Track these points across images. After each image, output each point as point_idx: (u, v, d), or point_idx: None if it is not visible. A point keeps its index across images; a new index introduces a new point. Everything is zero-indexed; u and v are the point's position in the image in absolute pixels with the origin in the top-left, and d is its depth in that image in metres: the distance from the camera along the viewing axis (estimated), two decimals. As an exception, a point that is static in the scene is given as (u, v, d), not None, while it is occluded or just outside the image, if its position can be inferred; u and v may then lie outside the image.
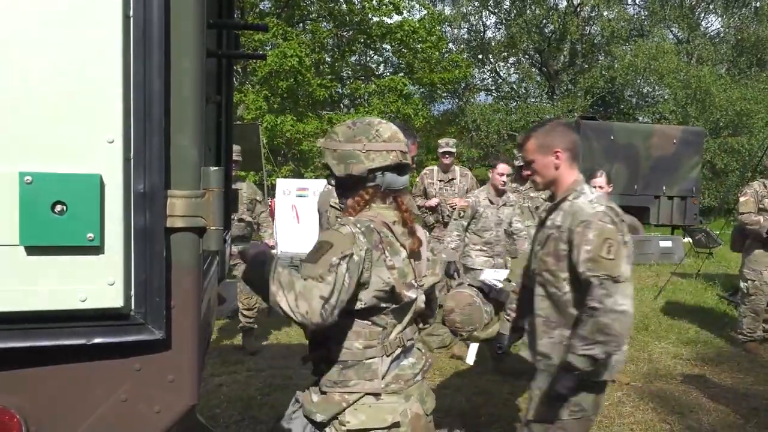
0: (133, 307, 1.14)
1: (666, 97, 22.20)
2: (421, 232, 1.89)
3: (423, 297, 1.87)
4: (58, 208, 1.05)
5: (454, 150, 6.28)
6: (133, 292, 1.13)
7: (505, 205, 5.17)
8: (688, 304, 7.67)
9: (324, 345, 1.76)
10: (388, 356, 1.77)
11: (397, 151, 1.77)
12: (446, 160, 6.16)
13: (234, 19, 3.25)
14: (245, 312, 5.41)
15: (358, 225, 1.69)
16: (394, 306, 1.75)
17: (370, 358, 1.75)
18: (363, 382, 1.74)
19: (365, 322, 1.74)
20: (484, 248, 5.15)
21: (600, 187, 4.78)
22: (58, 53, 1.06)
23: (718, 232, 11.24)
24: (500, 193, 5.11)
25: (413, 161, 2.69)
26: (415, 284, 1.82)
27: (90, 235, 1.07)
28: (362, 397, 1.74)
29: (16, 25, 1.04)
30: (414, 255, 1.80)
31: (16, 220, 1.04)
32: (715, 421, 4.13)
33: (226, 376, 4.76)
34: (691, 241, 11.52)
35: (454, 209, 6.04)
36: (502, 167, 5.10)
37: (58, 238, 1.06)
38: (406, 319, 1.82)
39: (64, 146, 1.06)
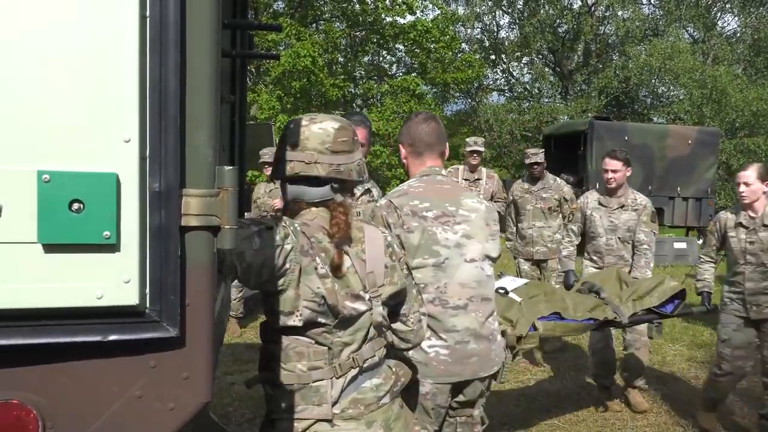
0: (148, 304, 1.15)
1: (681, 97, 21.99)
2: (375, 243, 1.69)
3: (381, 310, 1.67)
4: (76, 206, 1.06)
5: (482, 149, 6.15)
6: (148, 290, 1.14)
7: (622, 207, 4.31)
8: (702, 306, 7.59)
9: (268, 367, 1.62)
10: (338, 378, 1.59)
11: (296, 161, 1.60)
12: (474, 160, 6.03)
13: (248, 19, 3.26)
14: None
15: (288, 222, 1.57)
16: (334, 321, 1.58)
17: (317, 381, 1.58)
18: (311, 408, 1.57)
19: (307, 340, 1.59)
20: (594, 257, 4.44)
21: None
22: (76, 54, 1.07)
23: (733, 234, 11.10)
24: (611, 192, 4.33)
25: (364, 153, 2.49)
26: (365, 295, 1.63)
27: (106, 233, 1.08)
28: (314, 424, 1.57)
29: (34, 25, 1.05)
30: (334, 270, 1.59)
31: (35, 218, 1.05)
32: (729, 424, 4.09)
33: (238, 374, 4.78)
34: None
35: None
36: (611, 162, 4.26)
37: (75, 236, 1.07)
38: (360, 336, 1.64)
39: (82, 145, 1.07)
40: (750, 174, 3.67)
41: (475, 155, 5.98)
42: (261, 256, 1.47)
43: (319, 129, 1.63)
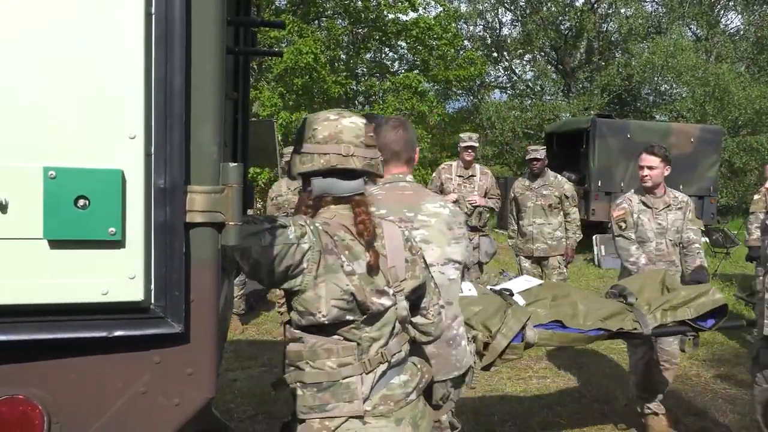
0: (153, 300, 1.15)
1: (684, 95, 21.93)
2: (394, 238, 1.69)
3: (405, 304, 1.69)
4: (81, 202, 1.07)
5: (477, 144, 6.07)
6: (153, 286, 1.15)
7: (668, 207, 3.93)
8: (704, 304, 7.58)
9: (295, 366, 1.61)
10: (368, 373, 1.59)
11: (332, 154, 1.59)
12: (468, 156, 5.94)
13: (251, 16, 3.26)
14: None
15: (308, 222, 1.56)
16: (362, 317, 1.58)
17: (347, 377, 1.57)
18: (342, 405, 1.56)
19: (335, 337, 1.58)
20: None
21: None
22: (81, 51, 1.07)
23: (735, 232, 11.11)
24: (648, 191, 3.95)
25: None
26: (389, 290, 1.64)
27: (112, 229, 1.09)
28: (345, 422, 1.56)
29: (39, 23, 1.06)
30: (371, 269, 1.59)
31: (40, 214, 1.06)
32: (732, 422, 4.09)
33: (240, 371, 4.80)
34: (708, 240, 11.40)
35: (474, 208, 5.92)
36: (648, 158, 3.87)
37: (80, 232, 1.08)
38: (387, 330, 1.64)
39: (87, 142, 1.08)
40: None
41: (469, 151, 5.90)
42: (270, 254, 1.46)
43: (351, 123, 1.64)
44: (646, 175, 3.84)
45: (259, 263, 1.47)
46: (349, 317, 1.57)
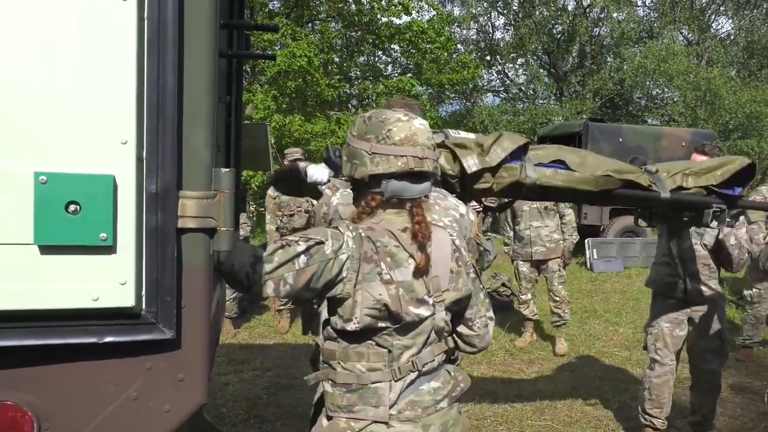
0: (144, 306, 1.15)
1: (675, 99, 22.06)
2: (442, 246, 1.66)
3: (443, 315, 1.65)
4: (72, 207, 1.06)
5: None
6: (144, 292, 1.14)
7: None
8: (696, 307, 7.62)
9: (329, 364, 1.63)
10: (397, 381, 1.58)
11: (409, 156, 1.56)
12: None
13: (244, 19, 3.26)
14: None
15: (351, 228, 1.56)
16: (395, 325, 1.57)
17: (376, 383, 1.57)
18: (368, 408, 1.57)
19: (368, 342, 1.58)
20: None
21: None
22: (74, 55, 1.07)
23: (726, 236, 11.15)
24: None
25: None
26: (429, 300, 1.61)
27: (103, 235, 1.08)
28: (369, 425, 1.57)
29: (32, 26, 1.05)
30: (420, 273, 1.58)
31: (31, 220, 1.05)
32: (723, 425, 4.11)
33: (232, 375, 4.78)
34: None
35: (478, 212, 5.92)
36: (699, 158, 3.59)
37: (71, 238, 1.07)
38: (420, 340, 1.62)
39: (79, 147, 1.07)
40: None
41: None
42: (307, 274, 1.47)
43: (422, 125, 1.62)
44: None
45: (297, 287, 1.48)
46: (381, 324, 1.56)
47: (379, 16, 16.57)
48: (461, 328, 1.79)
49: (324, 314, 1.70)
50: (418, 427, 1.60)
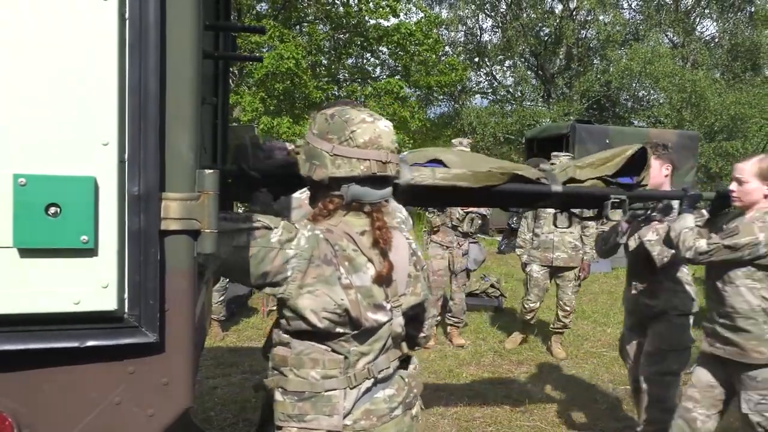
0: (126, 309, 1.13)
1: (661, 101, 22.27)
2: (400, 250, 1.61)
3: (401, 320, 1.61)
4: (52, 210, 1.05)
5: (468, 150, 6.05)
6: (126, 295, 1.13)
7: None
8: (682, 307, 7.68)
9: (279, 371, 1.55)
10: (352, 389, 1.53)
11: (372, 161, 1.48)
12: None
13: (231, 20, 3.25)
14: None
15: (308, 227, 1.48)
16: (353, 331, 1.51)
17: (330, 390, 1.51)
18: (321, 418, 1.50)
19: (323, 347, 1.52)
20: None
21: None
22: (54, 56, 1.05)
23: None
24: None
25: None
26: (387, 305, 1.56)
27: (84, 237, 1.06)
28: None
29: (10, 26, 1.04)
30: (381, 280, 1.53)
31: (10, 222, 1.04)
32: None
33: (220, 378, 4.75)
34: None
35: (467, 214, 5.89)
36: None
37: (51, 241, 1.05)
38: (377, 346, 1.57)
39: (59, 148, 1.06)
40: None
41: None
42: (243, 255, 1.39)
43: (386, 127, 1.54)
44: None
45: (230, 264, 1.39)
46: (340, 330, 1.50)
47: (366, 18, 16.60)
48: (411, 331, 1.75)
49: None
50: None
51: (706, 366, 2.99)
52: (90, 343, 1.12)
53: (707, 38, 25.03)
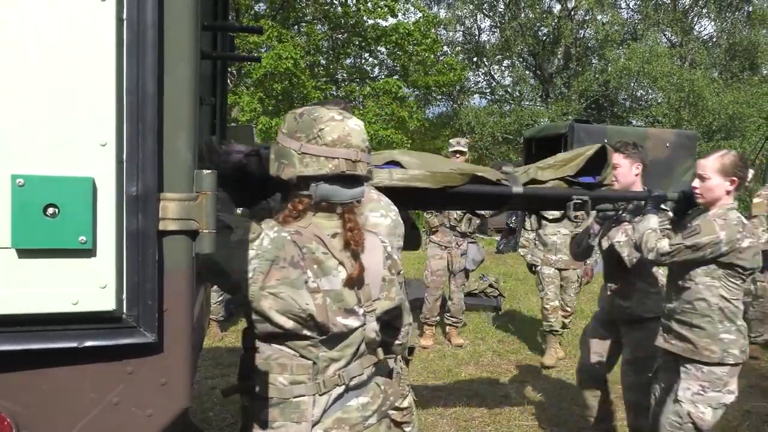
0: (125, 310, 1.13)
1: (659, 101, 22.29)
2: (374, 253, 1.59)
3: (375, 325, 1.57)
4: (51, 210, 1.05)
5: (465, 149, 5.95)
6: (125, 295, 1.13)
7: None
8: (680, 306, 7.69)
9: (248, 377, 1.53)
10: (321, 395, 1.49)
11: (341, 159, 1.45)
12: (458, 161, 5.94)
13: (229, 21, 3.25)
14: None
15: (275, 229, 1.45)
16: (321, 336, 1.48)
17: (298, 397, 1.47)
18: (289, 425, 1.47)
19: (291, 352, 1.49)
20: None
21: None
22: (51, 56, 1.05)
23: (710, 235, 11.28)
24: None
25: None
26: (359, 310, 1.53)
27: (82, 238, 1.06)
28: None
29: (9, 27, 1.04)
30: (352, 283, 1.50)
31: (8, 223, 1.04)
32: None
33: (219, 378, 4.75)
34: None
35: (464, 214, 5.86)
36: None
37: (50, 241, 1.05)
38: (349, 352, 1.54)
39: (57, 149, 1.06)
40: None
41: (458, 155, 5.83)
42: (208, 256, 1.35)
43: (356, 126, 1.52)
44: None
45: (198, 266, 1.36)
46: (307, 333, 1.47)
47: (365, 18, 16.61)
48: (386, 338, 1.72)
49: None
50: None
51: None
52: (88, 343, 1.12)
53: (705, 38, 25.07)
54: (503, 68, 26.47)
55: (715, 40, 24.32)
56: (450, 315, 6.04)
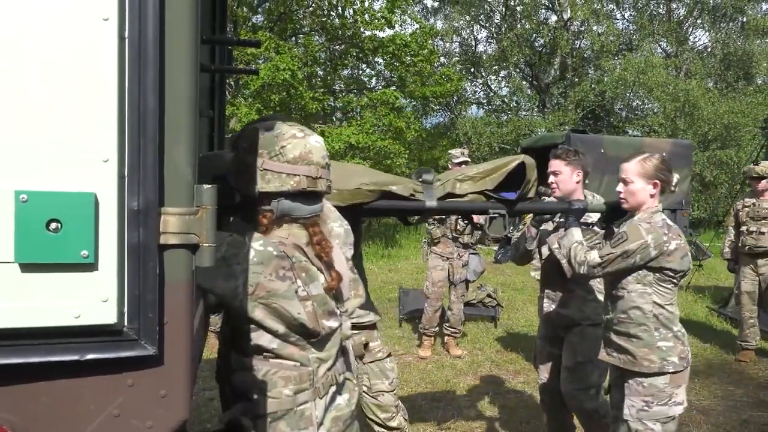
0: (126, 323, 1.15)
1: (655, 111, 22.40)
2: (339, 257, 1.65)
3: (349, 323, 1.68)
4: (53, 225, 1.06)
5: (469, 160, 5.97)
6: (126, 309, 1.14)
7: None
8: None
9: (245, 396, 1.53)
10: (321, 398, 1.55)
11: (302, 176, 1.50)
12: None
13: (227, 33, 3.28)
14: None
15: (261, 242, 1.48)
16: (311, 340, 1.54)
17: (302, 404, 1.52)
18: None
19: (289, 363, 1.53)
20: None
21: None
22: (55, 75, 1.07)
23: (708, 245, 11.31)
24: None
25: None
26: (338, 311, 1.61)
27: (84, 252, 1.08)
28: None
29: (12, 45, 1.06)
30: (332, 290, 1.57)
31: (11, 238, 1.05)
32: (706, 433, 4.14)
33: (217, 389, 4.73)
34: (681, 253, 11.55)
35: (467, 224, 5.87)
36: (552, 163, 3.47)
37: (52, 256, 1.07)
38: (334, 351, 1.61)
39: (60, 165, 1.08)
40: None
41: (463, 167, 5.86)
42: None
43: (317, 143, 1.55)
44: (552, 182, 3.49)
45: None
46: (298, 338, 1.53)
47: (362, 29, 16.68)
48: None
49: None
50: None
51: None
52: (90, 356, 1.13)
53: (700, 48, 25.25)
54: (500, 78, 26.61)
55: (709, 50, 24.49)
56: (449, 326, 6.05)
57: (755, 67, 22.63)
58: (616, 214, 2.85)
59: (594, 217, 3.13)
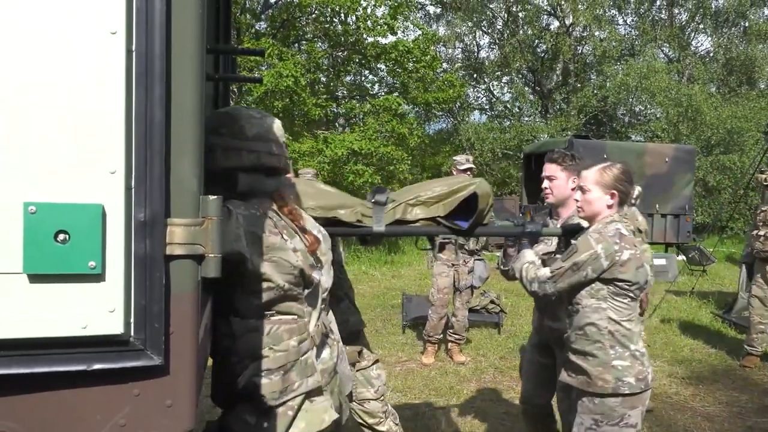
0: (132, 333, 1.16)
1: (658, 116, 22.42)
2: (311, 224, 1.80)
3: (326, 277, 1.79)
4: (61, 237, 1.08)
5: (474, 166, 5.95)
6: (132, 319, 1.15)
7: None
8: (682, 322, 7.69)
9: (255, 357, 1.60)
10: (315, 347, 1.68)
11: (261, 152, 1.62)
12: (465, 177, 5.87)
13: (231, 41, 3.30)
14: None
15: (243, 206, 1.56)
16: (305, 291, 1.67)
17: (305, 354, 1.64)
18: (305, 381, 1.62)
19: (289, 317, 1.64)
20: None
21: None
22: (63, 87, 1.09)
23: (711, 250, 11.30)
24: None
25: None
26: (317, 265, 1.74)
27: (92, 263, 1.09)
28: (303, 401, 1.61)
29: (21, 60, 1.07)
30: (313, 249, 1.70)
31: (20, 249, 1.06)
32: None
33: (221, 397, 4.73)
34: (684, 258, 11.57)
35: None
36: (548, 167, 3.22)
37: (60, 267, 1.08)
38: (319, 303, 1.73)
39: (68, 178, 1.09)
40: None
41: (469, 173, 5.73)
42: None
43: (273, 122, 1.70)
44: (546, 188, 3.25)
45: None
46: (297, 289, 1.64)
47: (365, 36, 16.74)
48: None
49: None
50: (327, 393, 1.70)
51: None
52: (96, 366, 1.14)
53: (702, 53, 25.28)
54: (503, 84, 26.67)
55: (712, 55, 24.51)
56: (453, 332, 6.04)
57: (758, 71, 22.65)
58: (574, 235, 2.70)
59: (554, 242, 3.01)
